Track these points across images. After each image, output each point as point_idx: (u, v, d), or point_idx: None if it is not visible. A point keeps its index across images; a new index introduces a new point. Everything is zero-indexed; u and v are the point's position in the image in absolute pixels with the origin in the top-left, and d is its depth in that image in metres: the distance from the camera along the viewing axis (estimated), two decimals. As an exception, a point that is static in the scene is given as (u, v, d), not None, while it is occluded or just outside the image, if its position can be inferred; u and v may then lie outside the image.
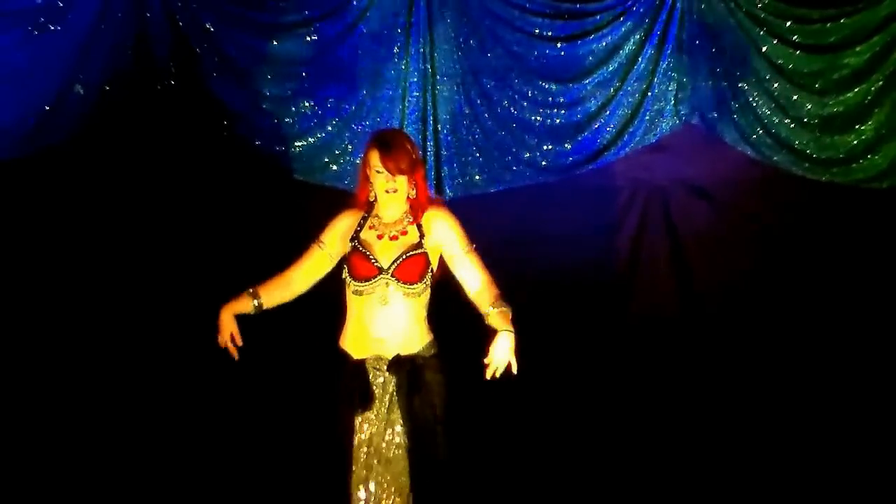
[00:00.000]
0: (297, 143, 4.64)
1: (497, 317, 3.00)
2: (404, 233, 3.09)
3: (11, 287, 4.45)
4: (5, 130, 4.16)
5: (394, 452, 3.08)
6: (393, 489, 3.07)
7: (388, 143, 3.07)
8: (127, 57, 4.45)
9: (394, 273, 3.03)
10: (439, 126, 4.82)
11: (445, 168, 4.85)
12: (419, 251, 3.07)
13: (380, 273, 3.03)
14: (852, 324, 5.13)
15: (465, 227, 3.14)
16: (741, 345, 5.19)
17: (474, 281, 3.10)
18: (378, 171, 3.05)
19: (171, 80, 4.52)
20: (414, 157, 3.07)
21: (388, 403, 3.08)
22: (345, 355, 3.12)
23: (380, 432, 3.08)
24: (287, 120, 4.64)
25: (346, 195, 4.55)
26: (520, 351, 2.96)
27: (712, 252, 5.25)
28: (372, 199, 3.13)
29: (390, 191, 3.06)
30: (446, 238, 3.11)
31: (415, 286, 3.05)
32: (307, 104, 4.64)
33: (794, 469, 4.42)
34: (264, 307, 3.15)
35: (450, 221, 3.13)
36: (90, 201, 4.55)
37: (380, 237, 3.09)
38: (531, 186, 4.96)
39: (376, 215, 3.13)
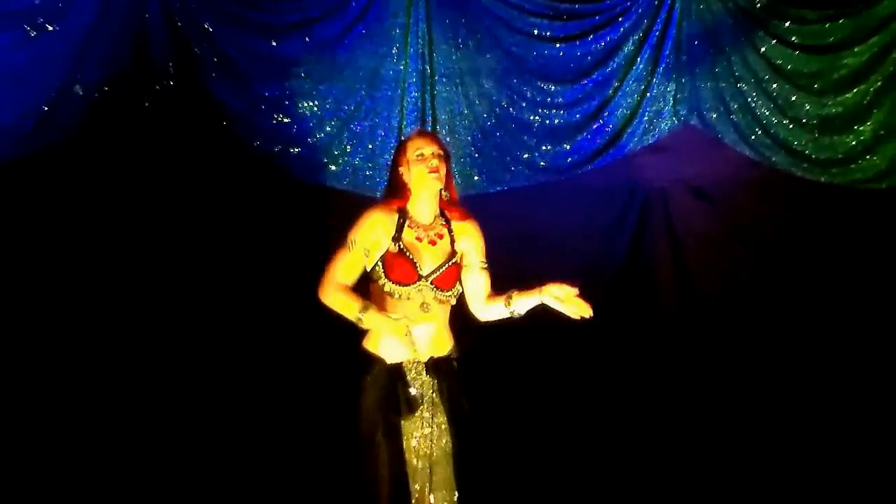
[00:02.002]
0: (295, 144, 4.64)
1: (521, 296, 3.16)
2: (441, 236, 3.13)
3: (10, 287, 4.44)
4: (4, 131, 4.15)
5: (442, 455, 3.09)
6: (444, 491, 3.08)
7: (422, 130, 3.28)
8: (125, 57, 4.43)
9: (433, 281, 3.07)
10: (438, 126, 4.81)
11: (444, 168, 4.84)
12: (455, 260, 3.13)
13: (419, 279, 3.05)
14: (852, 324, 5.14)
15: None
16: (740, 345, 5.19)
17: (481, 293, 3.22)
18: (419, 156, 3.08)
19: (170, 81, 4.51)
20: (445, 143, 3.19)
21: (430, 407, 3.08)
22: (376, 359, 3.08)
23: (426, 436, 3.07)
24: (286, 120, 4.63)
25: (345, 196, 4.62)
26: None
27: (711, 252, 5.25)
28: (406, 201, 3.12)
29: (433, 170, 3.06)
30: (470, 248, 3.21)
31: (449, 292, 3.11)
32: (306, 105, 4.63)
33: (795, 469, 4.41)
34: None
35: (477, 234, 3.24)
36: (88, 202, 4.53)
37: (419, 239, 3.09)
38: (530, 187, 4.96)
39: (411, 216, 3.12)
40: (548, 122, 4.90)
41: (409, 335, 2.96)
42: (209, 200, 4.64)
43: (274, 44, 4.59)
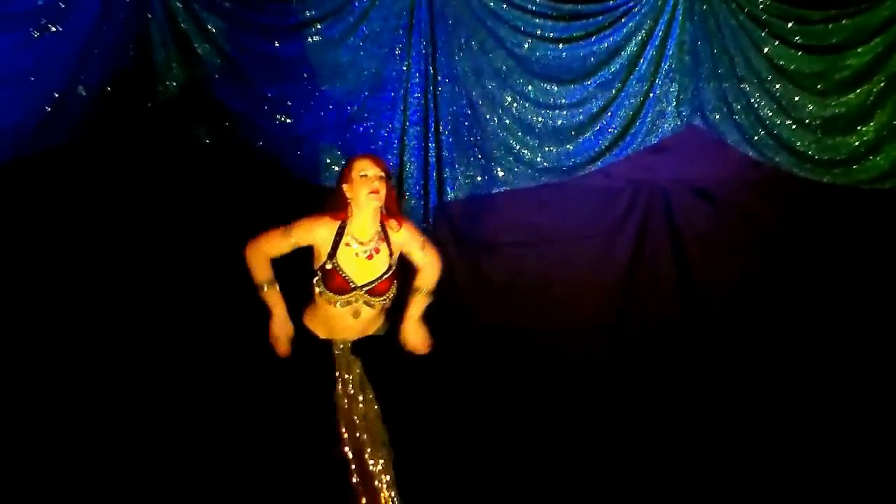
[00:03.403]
0: (298, 145, 4.64)
1: (420, 301, 3.53)
2: (378, 251, 3.44)
3: (12, 288, 4.44)
4: (7, 131, 4.14)
5: (372, 414, 3.46)
6: (377, 443, 3.45)
7: (369, 153, 3.65)
8: (128, 58, 4.44)
9: (367, 291, 3.43)
10: (441, 127, 4.83)
11: (447, 169, 4.85)
12: (390, 273, 3.46)
13: (353, 290, 3.41)
14: (854, 325, 5.13)
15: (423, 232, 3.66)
16: (743, 346, 5.18)
17: (428, 265, 3.57)
18: (363, 175, 3.39)
19: (173, 81, 4.52)
20: (389, 168, 3.58)
21: (358, 376, 3.47)
22: (310, 332, 3.49)
23: (355, 398, 3.44)
24: (288, 121, 4.63)
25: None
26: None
27: (714, 253, 5.24)
28: (347, 218, 3.44)
29: (373, 192, 3.38)
30: (409, 249, 3.54)
31: (383, 298, 3.47)
32: (309, 105, 4.64)
33: (796, 469, 4.41)
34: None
35: (410, 237, 3.53)
36: (91, 203, 4.54)
37: (356, 255, 3.42)
38: (533, 187, 4.96)
39: (350, 234, 3.43)
40: (551, 122, 4.90)
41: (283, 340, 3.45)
42: (212, 201, 4.64)
43: (276, 44, 4.59)
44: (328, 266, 3.39)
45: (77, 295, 4.53)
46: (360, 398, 3.46)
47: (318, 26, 4.62)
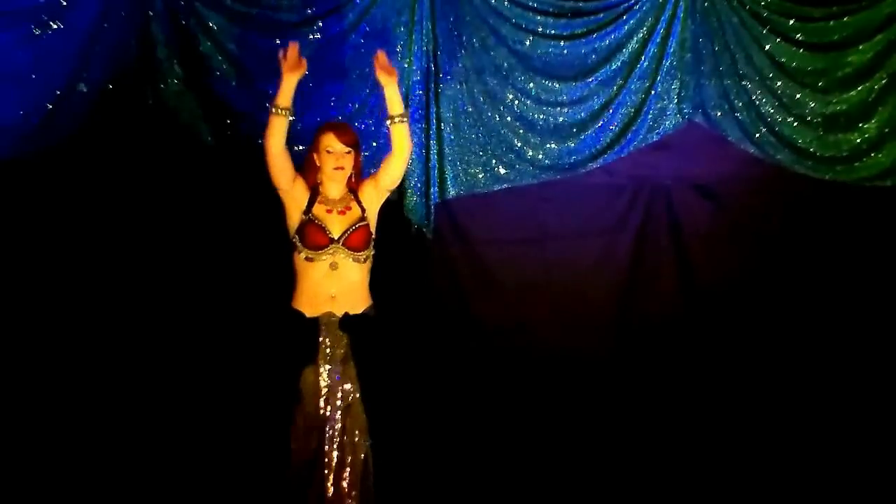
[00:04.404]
0: (300, 142, 4.61)
1: (387, 104, 3.78)
2: (349, 208, 3.67)
3: (12, 286, 4.44)
4: (8, 129, 4.13)
5: (351, 398, 3.55)
6: (355, 430, 3.55)
7: (337, 126, 3.77)
8: (129, 55, 4.42)
9: (343, 243, 3.58)
10: (442, 124, 4.82)
11: (448, 166, 4.85)
12: (363, 223, 3.65)
13: (331, 243, 3.57)
14: (856, 322, 5.14)
15: None
16: (744, 343, 5.19)
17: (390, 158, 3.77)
18: (329, 152, 3.64)
19: (174, 79, 4.51)
20: (356, 137, 3.75)
21: (343, 357, 3.55)
22: (298, 314, 3.59)
23: (336, 382, 3.54)
24: (290, 118, 4.61)
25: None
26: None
27: (715, 250, 5.26)
28: (318, 182, 3.69)
29: (338, 168, 3.64)
30: (376, 175, 3.78)
31: (361, 252, 3.62)
32: (310, 103, 4.62)
33: (796, 469, 4.42)
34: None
35: (370, 177, 3.78)
36: (92, 200, 4.53)
37: (329, 211, 3.64)
38: (534, 185, 4.96)
39: (322, 194, 3.68)
40: (552, 119, 4.89)
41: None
42: (213, 198, 4.64)
43: (278, 41, 4.56)
44: (305, 219, 3.61)
45: (77, 293, 4.53)
46: (342, 383, 3.54)
47: (320, 24, 4.61)
